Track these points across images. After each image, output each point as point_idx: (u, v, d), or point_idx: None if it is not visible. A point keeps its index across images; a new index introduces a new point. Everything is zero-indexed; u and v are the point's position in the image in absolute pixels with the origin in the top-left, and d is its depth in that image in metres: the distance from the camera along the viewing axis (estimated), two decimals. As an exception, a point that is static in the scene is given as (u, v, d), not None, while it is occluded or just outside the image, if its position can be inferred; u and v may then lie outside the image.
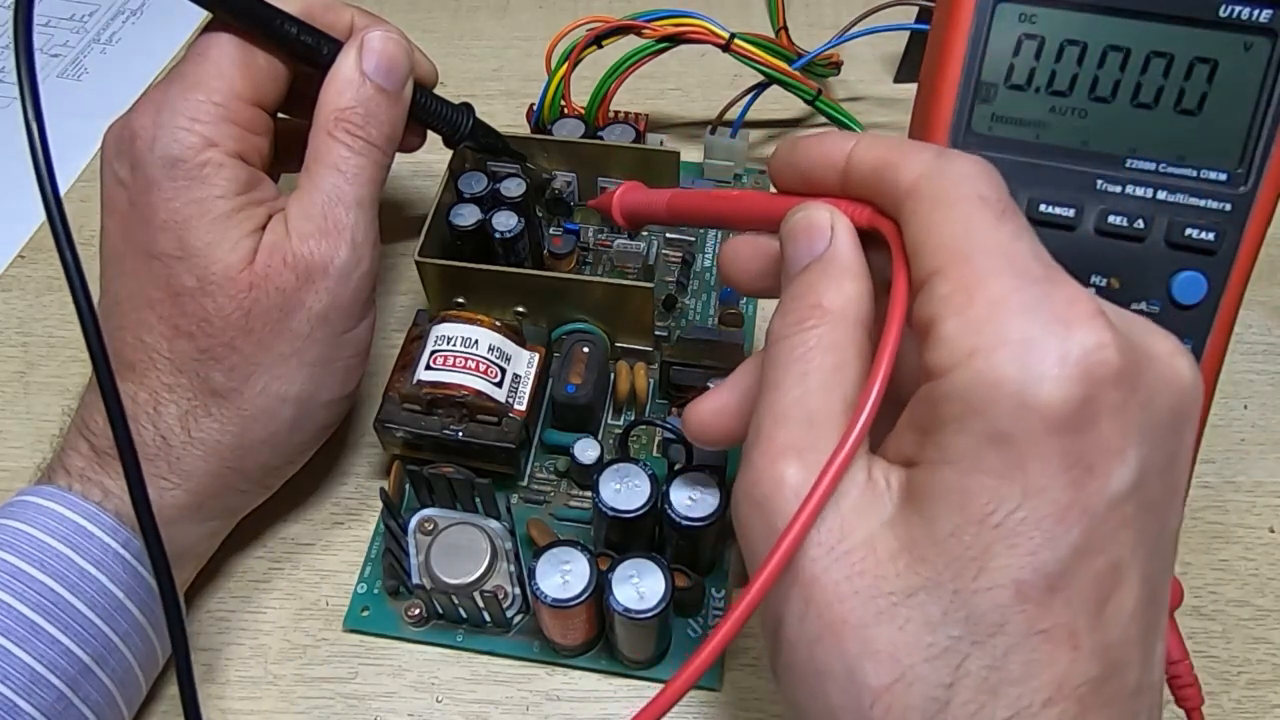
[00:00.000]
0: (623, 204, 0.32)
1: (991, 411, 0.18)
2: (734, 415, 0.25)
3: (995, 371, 0.18)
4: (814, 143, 0.23)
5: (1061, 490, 0.18)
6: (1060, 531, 0.18)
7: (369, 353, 0.35)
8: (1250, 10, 0.25)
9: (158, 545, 0.27)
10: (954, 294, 0.19)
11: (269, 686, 0.34)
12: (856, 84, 0.53)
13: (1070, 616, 0.18)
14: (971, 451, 0.18)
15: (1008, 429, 0.18)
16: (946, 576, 0.18)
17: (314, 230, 0.31)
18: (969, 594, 0.18)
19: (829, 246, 0.22)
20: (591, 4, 0.56)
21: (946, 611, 0.18)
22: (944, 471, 0.19)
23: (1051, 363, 0.18)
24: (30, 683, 0.27)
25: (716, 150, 0.46)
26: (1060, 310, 0.18)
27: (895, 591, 0.19)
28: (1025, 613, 0.18)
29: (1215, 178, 0.26)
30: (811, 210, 0.23)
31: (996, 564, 0.18)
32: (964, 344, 0.18)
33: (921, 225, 0.20)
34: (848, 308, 0.21)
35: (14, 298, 0.45)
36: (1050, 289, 0.19)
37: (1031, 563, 0.18)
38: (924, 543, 0.19)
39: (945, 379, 0.19)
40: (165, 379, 0.31)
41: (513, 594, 0.34)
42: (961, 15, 0.26)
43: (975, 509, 0.18)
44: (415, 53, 0.35)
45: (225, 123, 0.31)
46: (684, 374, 0.38)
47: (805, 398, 0.21)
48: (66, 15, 0.59)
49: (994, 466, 0.18)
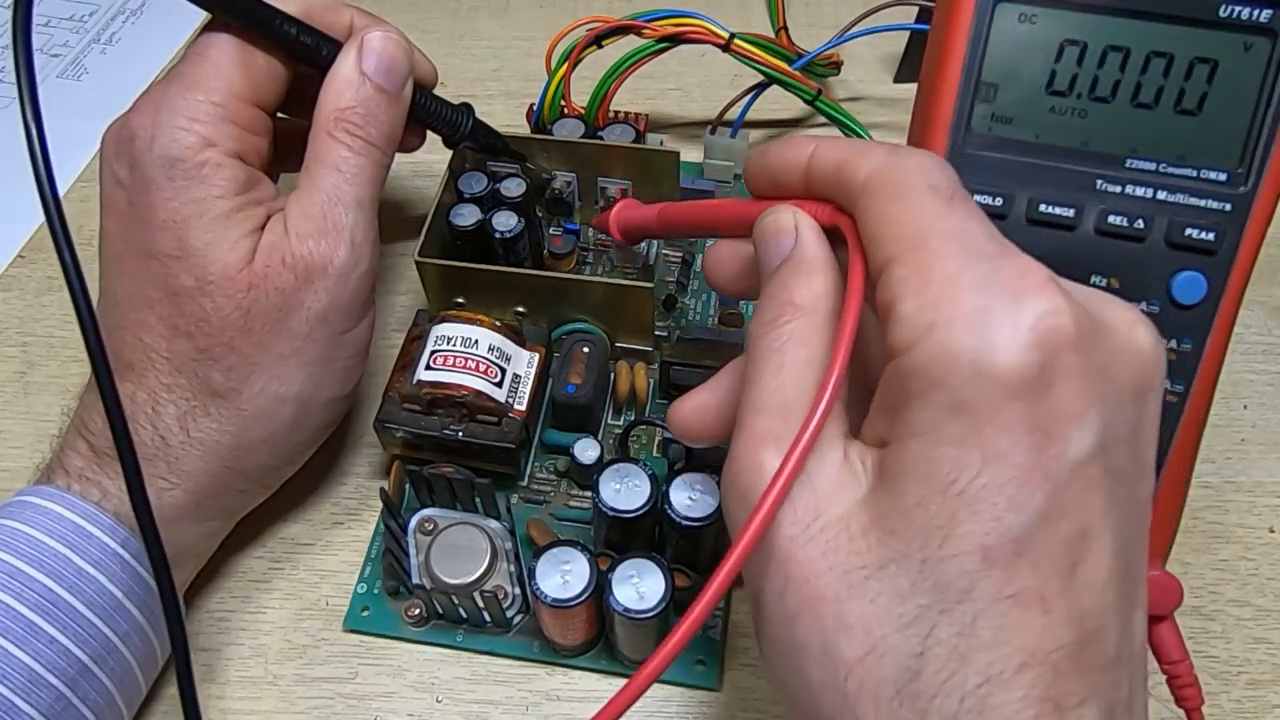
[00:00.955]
0: (618, 221, 0.35)
1: (950, 382, 0.18)
2: (714, 413, 0.25)
3: (952, 343, 0.18)
4: (779, 148, 0.24)
5: (1022, 455, 0.18)
6: (1023, 496, 0.18)
7: (368, 353, 0.35)
8: (1250, 10, 0.25)
9: (157, 545, 0.27)
10: (910, 276, 0.19)
11: (269, 686, 0.34)
12: (856, 84, 0.53)
13: (1038, 580, 0.18)
14: (934, 423, 0.19)
15: (966, 398, 0.18)
16: (914, 547, 0.19)
17: (313, 230, 0.31)
18: (936, 562, 0.18)
19: (795, 246, 0.23)
20: (591, 4, 0.56)
21: (915, 581, 0.19)
22: (910, 445, 0.19)
23: (1005, 330, 0.18)
24: (29, 683, 0.27)
25: (716, 150, 0.46)
26: (1012, 281, 0.19)
27: (867, 565, 0.19)
28: (992, 578, 0.18)
29: (1215, 178, 0.26)
30: (777, 213, 0.23)
31: (961, 530, 0.18)
32: (922, 321, 0.19)
33: (877, 216, 0.21)
34: (818, 302, 0.22)
35: (14, 298, 0.45)
36: (1001, 262, 0.19)
37: (996, 528, 0.18)
38: (892, 515, 0.19)
39: (906, 356, 0.19)
40: (164, 379, 0.31)
41: (513, 594, 0.34)
42: (961, 15, 0.26)
43: (939, 478, 0.19)
44: (415, 53, 0.35)
45: (224, 122, 0.31)
46: (684, 374, 0.38)
47: (781, 388, 0.21)
48: (66, 15, 0.59)
49: (955, 435, 0.18)
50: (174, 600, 0.28)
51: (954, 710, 0.18)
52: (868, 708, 0.19)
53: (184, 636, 0.28)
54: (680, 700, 0.33)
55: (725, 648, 0.34)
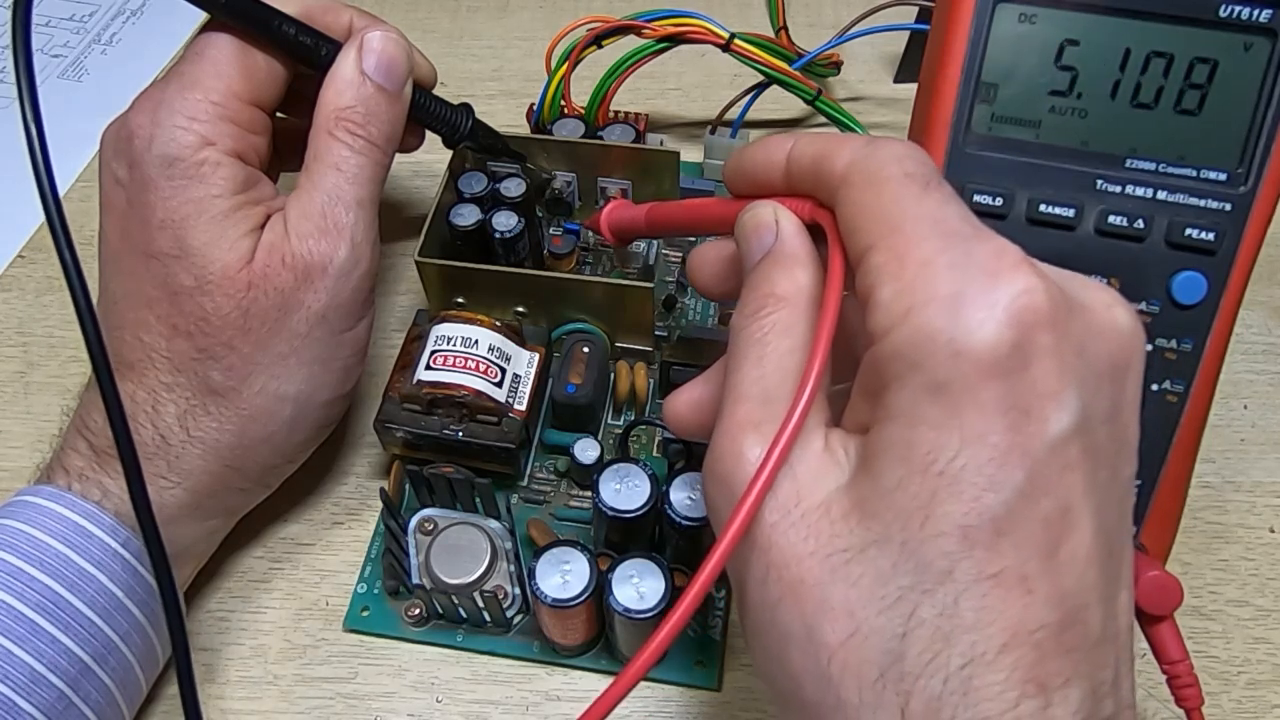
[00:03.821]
0: (609, 221, 0.35)
1: (927, 364, 0.18)
2: (708, 406, 0.25)
3: (929, 325, 0.18)
4: (757, 148, 0.24)
5: (1000, 434, 0.18)
6: (1002, 475, 0.18)
7: (368, 352, 0.35)
8: (1250, 10, 0.25)
9: (157, 544, 0.27)
10: (888, 263, 0.20)
11: (269, 686, 0.34)
12: (856, 84, 0.53)
13: (1020, 560, 0.18)
14: (911, 405, 0.19)
15: (943, 378, 0.18)
16: (895, 529, 0.19)
17: (313, 230, 0.31)
18: (917, 543, 0.18)
19: (776, 240, 0.23)
20: (591, 4, 0.56)
21: (896, 563, 0.19)
22: (889, 428, 0.19)
23: (980, 310, 0.18)
24: (30, 682, 0.27)
25: (716, 150, 0.46)
26: (986, 262, 0.19)
27: (849, 548, 0.19)
28: (973, 558, 0.18)
29: (1215, 178, 0.26)
30: (758, 209, 0.24)
31: (941, 511, 0.18)
32: (899, 305, 0.19)
33: (855, 206, 0.21)
34: (799, 294, 0.22)
35: (14, 298, 0.45)
36: (976, 244, 0.19)
37: (976, 508, 0.18)
38: (872, 498, 0.19)
39: (885, 340, 0.19)
40: (164, 378, 0.31)
41: (513, 594, 0.34)
42: (961, 15, 0.26)
43: (918, 459, 0.19)
44: (414, 53, 0.35)
45: (223, 121, 0.31)
46: (684, 374, 0.38)
47: (762, 378, 0.21)
48: (66, 15, 0.59)
49: (933, 416, 0.18)
50: (174, 599, 0.28)
51: (938, 691, 0.18)
52: (851, 691, 0.19)
53: (184, 635, 0.28)
54: (680, 700, 0.33)
55: (725, 648, 0.34)
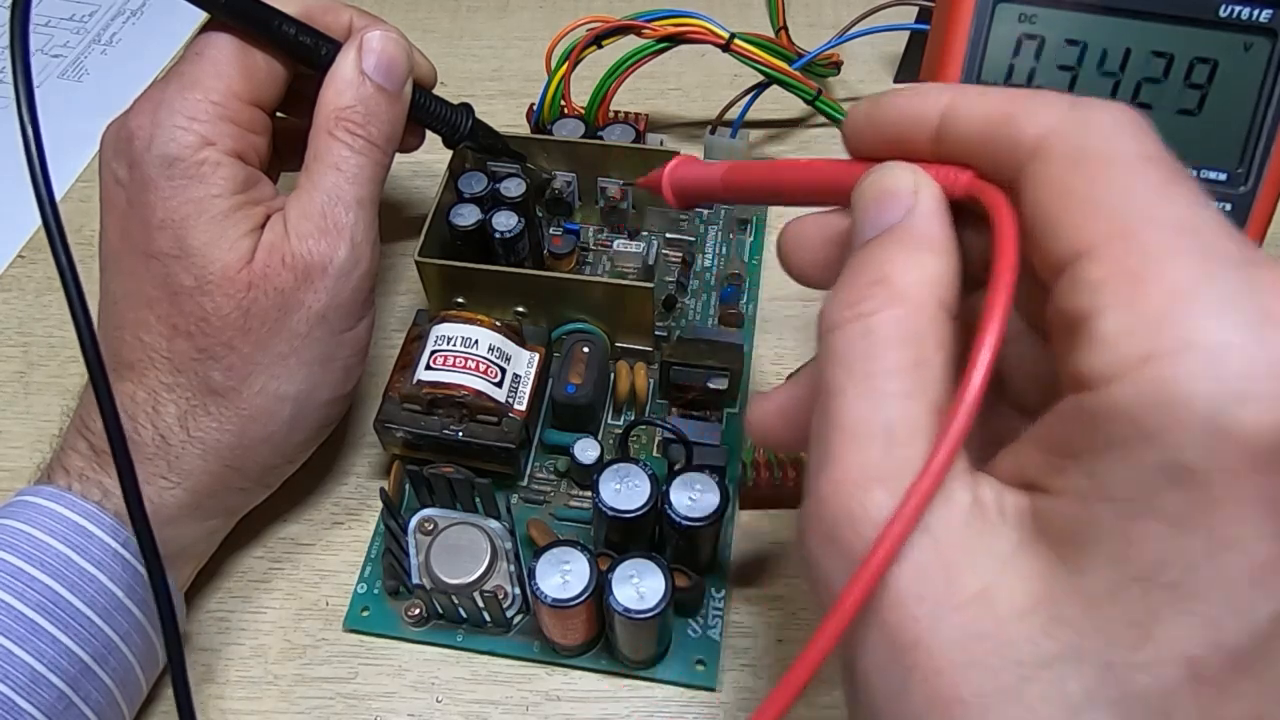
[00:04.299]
0: (673, 180, 0.27)
1: (1172, 439, 0.14)
2: (802, 416, 0.20)
3: (1180, 385, 0.14)
4: (902, 98, 0.19)
5: (1261, 544, 0.14)
6: (1256, 597, 0.14)
7: (368, 352, 0.35)
8: (1250, 10, 0.25)
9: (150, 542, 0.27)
10: (1113, 280, 0.15)
11: (269, 686, 0.34)
12: (856, 84, 0.53)
13: (1260, 706, 0.14)
14: (1141, 489, 0.14)
15: (1194, 462, 0.14)
16: (1097, 644, 0.15)
17: (313, 230, 0.31)
18: (1125, 670, 0.14)
19: (908, 214, 0.18)
20: (591, 4, 0.56)
21: (1092, 690, 0.15)
22: (1099, 510, 0.15)
23: (1260, 377, 0.14)
24: (31, 682, 0.27)
25: (716, 150, 0.46)
26: (1271, 305, 0.14)
27: (1025, 661, 0.15)
28: (1200, 697, 0.14)
29: (1215, 178, 0.26)
30: (890, 170, 0.19)
31: (1165, 634, 0.14)
32: (1133, 347, 0.14)
33: (1055, 189, 0.16)
34: (923, 289, 0.17)
35: (14, 298, 0.45)
36: (1253, 274, 0.14)
37: (1214, 636, 0.14)
38: (1066, 599, 0.15)
39: (1104, 391, 0.15)
40: (164, 378, 0.31)
41: (513, 594, 0.34)
42: (961, 15, 0.26)
43: (1142, 562, 0.14)
44: (414, 53, 0.35)
45: (223, 121, 0.31)
46: (684, 374, 0.38)
47: (881, 406, 0.17)
48: (66, 15, 0.59)
49: (1171, 510, 0.14)
50: (167, 597, 0.28)
51: None
52: None
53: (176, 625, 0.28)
54: (680, 700, 0.33)
55: (725, 648, 0.34)
